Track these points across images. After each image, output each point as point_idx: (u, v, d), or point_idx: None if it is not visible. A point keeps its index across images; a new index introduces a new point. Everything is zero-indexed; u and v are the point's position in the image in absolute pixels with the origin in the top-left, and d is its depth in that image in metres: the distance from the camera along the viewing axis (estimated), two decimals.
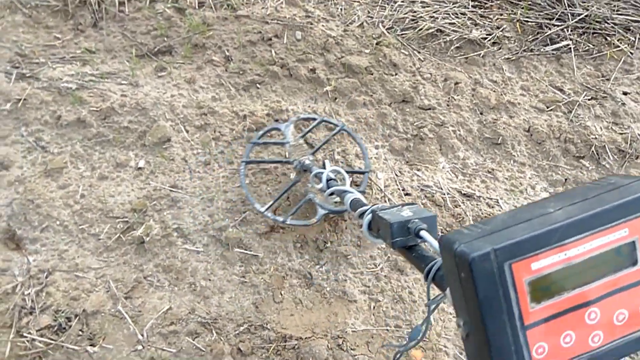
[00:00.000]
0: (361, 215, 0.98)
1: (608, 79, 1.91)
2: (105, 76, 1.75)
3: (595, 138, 1.76)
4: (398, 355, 0.73)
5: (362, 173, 1.60)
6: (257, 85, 1.77)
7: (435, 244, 0.73)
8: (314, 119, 1.65)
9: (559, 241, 0.51)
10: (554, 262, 0.51)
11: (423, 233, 0.79)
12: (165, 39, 1.86)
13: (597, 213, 0.52)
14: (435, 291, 0.70)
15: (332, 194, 1.27)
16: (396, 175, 1.66)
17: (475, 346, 0.53)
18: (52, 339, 1.30)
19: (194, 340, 1.34)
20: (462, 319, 0.55)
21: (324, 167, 1.52)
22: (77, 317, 1.34)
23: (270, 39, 1.85)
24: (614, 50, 1.97)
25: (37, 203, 1.50)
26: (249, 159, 1.57)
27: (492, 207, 1.62)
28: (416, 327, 0.69)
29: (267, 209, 1.47)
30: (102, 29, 1.87)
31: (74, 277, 1.41)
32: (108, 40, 1.85)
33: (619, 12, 2.05)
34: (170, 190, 1.55)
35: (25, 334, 1.30)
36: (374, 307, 1.43)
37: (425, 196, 1.62)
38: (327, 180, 1.33)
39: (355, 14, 1.96)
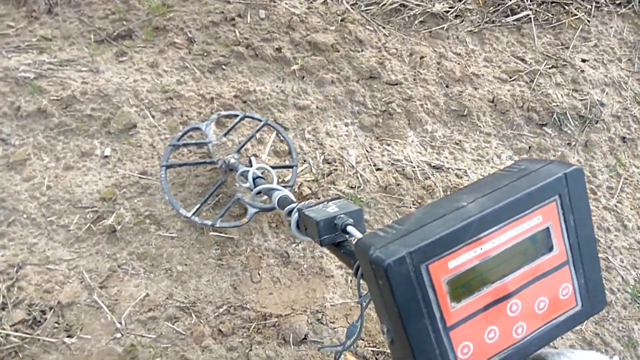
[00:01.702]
0: (289, 213, 0.97)
1: (567, 47, 1.96)
2: (64, 64, 1.70)
3: (557, 105, 1.81)
4: (338, 356, 0.72)
5: (290, 167, 1.56)
6: (223, 66, 1.75)
7: None
8: (236, 115, 1.61)
9: (474, 236, 0.51)
10: (470, 257, 0.51)
11: (350, 228, 0.77)
12: (125, 22, 1.81)
13: (509, 203, 0.52)
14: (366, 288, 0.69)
15: (259, 192, 1.23)
16: (367, 151, 1.68)
17: (400, 352, 0.52)
18: (27, 333, 1.28)
19: (173, 324, 1.34)
20: (385, 325, 0.54)
21: (250, 164, 1.47)
22: (52, 310, 1.32)
23: (234, 19, 1.82)
24: (572, 18, 2.01)
25: (2, 197, 1.46)
26: (169, 162, 1.51)
27: (461, 177, 1.66)
28: (352, 325, 0.68)
29: (193, 214, 1.43)
30: (57, 15, 1.81)
31: (46, 270, 1.38)
32: (64, 26, 1.79)
33: None
34: (140, 177, 1.53)
35: None
36: (350, 281, 1.46)
37: (396, 170, 1.64)
38: (254, 179, 1.29)
39: None
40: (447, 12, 1.95)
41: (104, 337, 1.31)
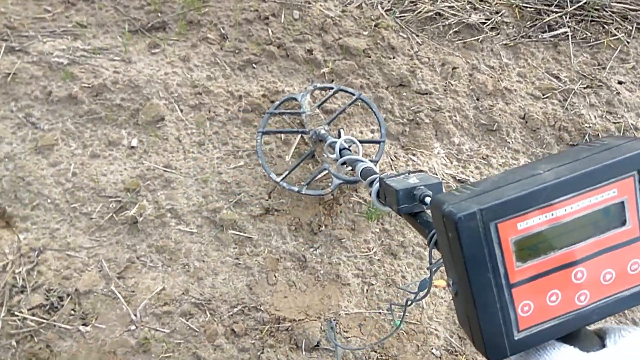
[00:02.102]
0: (371, 183, 1.01)
1: (604, 68, 1.91)
2: (97, 52, 1.71)
3: (589, 127, 1.76)
4: (409, 303, 0.77)
5: (377, 143, 1.61)
6: (253, 65, 1.75)
7: None
8: (331, 88, 1.66)
9: (546, 201, 0.51)
10: (540, 222, 0.52)
11: (428, 200, 0.81)
12: (159, 14, 1.81)
13: (586, 173, 0.52)
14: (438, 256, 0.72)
15: (344, 163, 1.27)
16: (391, 159, 1.66)
17: (463, 304, 0.54)
18: (44, 318, 1.30)
19: (187, 321, 1.34)
20: (451, 278, 0.56)
21: (339, 136, 1.52)
22: (69, 297, 1.34)
23: (267, 18, 1.81)
24: (611, 38, 1.96)
25: (28, 180, 1.48)
26: (265, 129, 1.57)
27: None
28: (424, 279, 0.71)
29: (282, 179, 1.48)
30: (93, 2, 1.82)
31: (66, 256, 1.40)
32: (100, 14, 1.80)
33: (618, 1, 2.04)
34: (164, 171, 1.53)
35: (16, 313, 1.29)
36: (367, 291, 1.44)
37: None
38: (340, 150, 1.33)
39: None
40: (483, 23, 1.92)
41: (119, 328, 1.31)
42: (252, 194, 1.52)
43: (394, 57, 1.81)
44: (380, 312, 1.41)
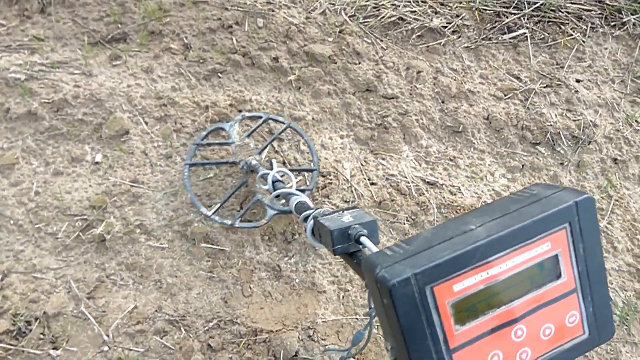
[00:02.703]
0: (305, 219, 0.97)
1: (562, 67, 1.97)
2: (56, 65, 1.66)
3: (551, 125, 1.82)
4: None
5: (310, 171, 1.58)
6: (219, 74, 1.73)
7: (375, 249, 0.73)
8: (260, 117, 1.61)
9: (480, 260, 0.50)
10: (476, 282, 0.51)
11: (363, 239, 0.78)
12: (120, 25, 1.77)
13: (518, 229, 0.51)
14: None
15: (277, 196, 1.24)
16: (361, 164, 1.67)
17: None
18: (11, 344, 1.25)
19: (162, 338, 1.31)
20: (389, 343, 0.54)
21: (271, 166, 1.48)
22: (38, 320, 1.29)
23: (231, 26, 1.80)
24: (568, 38, 2.03)
25: None
26: (193, 161, 1.52)
27: (454, 194, 1.66)
28: (359, 332, 0.68)
29: (214, 213, 1.43)
30: (50, 14, 1.77)
31: (32, 279, 1.35)
32: (58, 26, 1.75)
33: (572, 1, 2.11)
34: (131, 186, 1.50)
35: None
36: (343, 297, 1.45)
37: (391, 185, 1.64)
38: (274, 182, 1.30)
39: (317, 1, 1.93)
40: (445, 27, 1.95)
41: (91, 350, 1.28)
42: (224, 205, 1.51)
43: (359, 63, 1.82)
44: (357, 318, 1.42)
